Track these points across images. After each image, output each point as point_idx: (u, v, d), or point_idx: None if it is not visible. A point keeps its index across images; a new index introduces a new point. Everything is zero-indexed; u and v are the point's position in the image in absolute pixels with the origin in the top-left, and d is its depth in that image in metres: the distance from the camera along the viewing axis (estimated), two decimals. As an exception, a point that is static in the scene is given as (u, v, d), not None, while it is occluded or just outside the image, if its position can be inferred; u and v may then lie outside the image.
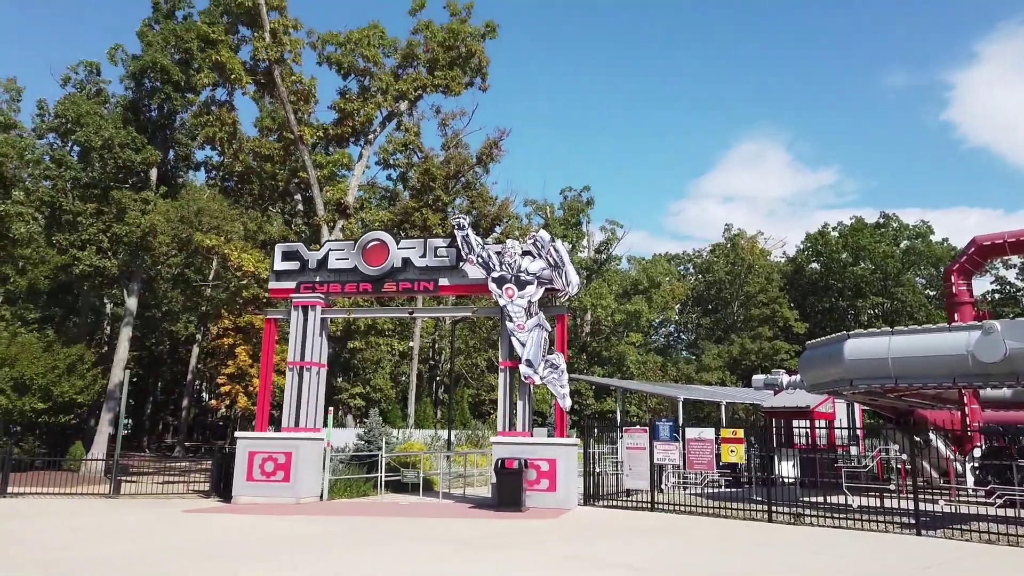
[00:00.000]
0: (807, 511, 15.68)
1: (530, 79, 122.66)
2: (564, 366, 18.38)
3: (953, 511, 16.67)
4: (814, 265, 63.36)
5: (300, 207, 33.76)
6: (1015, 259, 54.22)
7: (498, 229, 42.22)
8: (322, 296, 19.92)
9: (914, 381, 16.29)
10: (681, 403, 30.36)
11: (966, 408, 20.30)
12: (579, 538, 12.88)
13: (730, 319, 63.13)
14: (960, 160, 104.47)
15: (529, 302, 18.72)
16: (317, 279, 19.98)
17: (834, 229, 62.85)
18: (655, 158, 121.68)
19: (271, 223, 36.67)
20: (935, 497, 16.12)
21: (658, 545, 12.26)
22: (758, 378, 27.05)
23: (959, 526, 14.17)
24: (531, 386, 18.61)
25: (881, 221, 62.34)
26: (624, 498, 18.14)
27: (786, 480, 21.64)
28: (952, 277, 21.25)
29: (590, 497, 18.08)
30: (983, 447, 19.26)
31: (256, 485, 17.92)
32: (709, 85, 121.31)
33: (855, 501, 15.43)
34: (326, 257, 20.10)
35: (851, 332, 17.47)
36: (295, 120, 28.38)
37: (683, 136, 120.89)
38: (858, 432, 24.33)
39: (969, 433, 19.82)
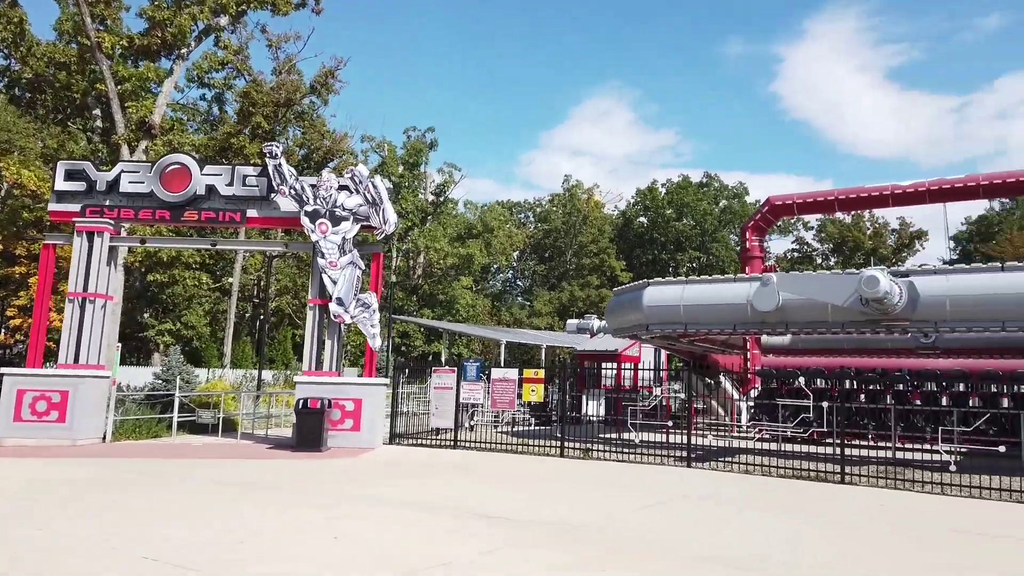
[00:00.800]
0: (597, 447, 16.59)
1: (382, 15, 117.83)
2: (376, 305, 18.07)
3: (727, 445, 18.38)
4: (642, 219, 66.70)
5: (99, 124, 30.48)
6: (813, 222, 59.99)
7: (332, 164, 40.58)
8: (111, 222, 18.14)
9: (701, 327, 17.56)
10: (504, 345, 31.07)
11: (748, 353, 22.23)
12: (367, 476, 12.82)
13: (563, 267, 65.35)
14: (784, 129, 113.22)
15: (343, 239, 18.10)
16: (106, 203, 18.15)
17: (662, 186, 66.32)
18: (510, 107, 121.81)
19: (75, 141, 32.93)
20: (705, 433, 17.58)
21: (441, 480, 12.47)
22: (572, 323, 28.19)
23: (726, 459, 15.60)
24: (341, 325, 18.17)
25: (704, 181, 66.52)
26: (432, 436, 18.35)
27: (592, 419, 22.92)
28: (747, 233, 22.98)
29: (396, 436, 18.12)
30: (759, 388, 21.29)
31: (26, 426, 16.28)
32: (566, 39, 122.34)
33: (636, 437, 16.51)
34: (118, 179, 18.27)
35: (651, 280, 18.47)
36: (91, 23, 25.31)
37: (537, 87, 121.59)
38: (662, 374, 26.10)
39: (749, 376, 21.82)
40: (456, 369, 17.95)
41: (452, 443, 17.31)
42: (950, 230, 60.94)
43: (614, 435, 18.63)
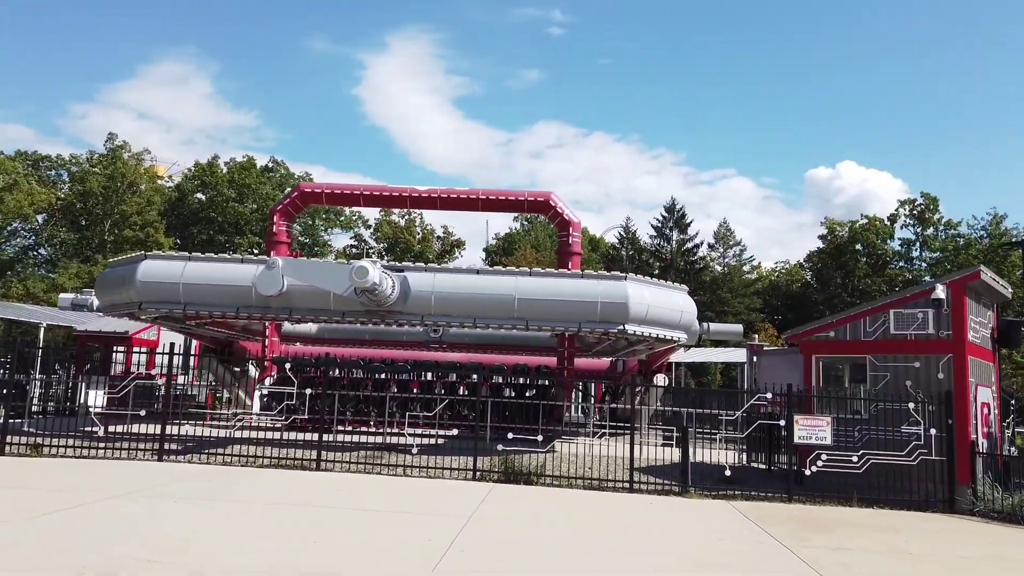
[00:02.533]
0: (60, 441, 14.04)
1: None
2: None
3: (230, 436, 17.29)
4: (200, 195, 61.97)
5: None
6: (372, 220, 62.82)
7: None
8: None
9: (203, 309, 16.22)
10: (-20, 322, 25.23)
11: (267, 340, 21.59)
12: None
13: (99, 238, 57.11)
14: (364, 133, 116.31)
15: None
16: None
17: (226, 164, 62.52)
18: (62, 47, 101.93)
19: None
20: (200, 424, 16.40)
21: None
22: (65, 297, 24.31)
23: (213, 450, 14.54)
24: None
25: (271, 165, 64.70)
26: None
27: (91, 410, 19.68)
28: (275, 217, 22.38)
29: None
30: (275, 377, 20.73)
31: None
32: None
33: (100, 430, 14.48)
34: None
35: (149, 253, 16.56)
36: None
37: (101, 33, 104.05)
38: (192, 361, 23.91)
39: (265, 364, 21.16)
40: None
41: None
42: (486, 243, 69.69)
43: (101, 429, 16.07)
